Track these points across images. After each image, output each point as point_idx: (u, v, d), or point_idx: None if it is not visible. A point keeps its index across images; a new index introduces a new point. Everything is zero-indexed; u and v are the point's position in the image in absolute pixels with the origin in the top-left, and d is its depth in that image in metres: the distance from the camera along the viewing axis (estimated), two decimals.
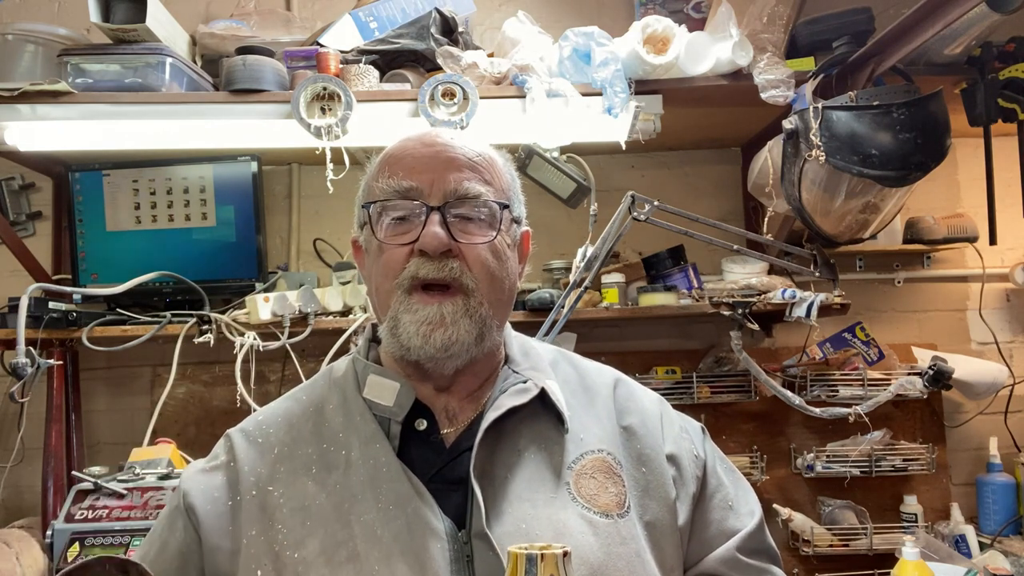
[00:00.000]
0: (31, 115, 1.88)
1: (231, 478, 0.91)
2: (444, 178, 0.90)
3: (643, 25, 1.87)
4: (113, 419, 2.40)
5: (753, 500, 1.00)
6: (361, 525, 0.85)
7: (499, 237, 0.92)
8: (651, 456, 0.94)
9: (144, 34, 1.87)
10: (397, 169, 0.92)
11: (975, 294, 2.44)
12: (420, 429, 0.92)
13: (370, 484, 0.87)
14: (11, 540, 1.89)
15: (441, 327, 0.88)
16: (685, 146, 2.46)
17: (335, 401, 0.95)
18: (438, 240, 0.87)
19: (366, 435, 0.90)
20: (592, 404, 0.98)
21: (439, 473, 0.89)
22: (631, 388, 1.02)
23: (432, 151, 0.92)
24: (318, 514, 0.86)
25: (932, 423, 2.36)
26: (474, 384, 0.95)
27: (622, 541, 0.86)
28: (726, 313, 1.99)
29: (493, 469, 0.88)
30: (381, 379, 0.93)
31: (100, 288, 2.07)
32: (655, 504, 0.91)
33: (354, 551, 0.83)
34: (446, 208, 0.89)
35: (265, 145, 2.13)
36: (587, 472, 0.90)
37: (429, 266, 0.88)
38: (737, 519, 0.96)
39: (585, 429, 0.94)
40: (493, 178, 0.94)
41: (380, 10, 2.11)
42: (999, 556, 2.02)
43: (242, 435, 0.96)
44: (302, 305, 1.98)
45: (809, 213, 1.90)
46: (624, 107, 1.87)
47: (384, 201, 0.91)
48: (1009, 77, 1.85)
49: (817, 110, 1.74)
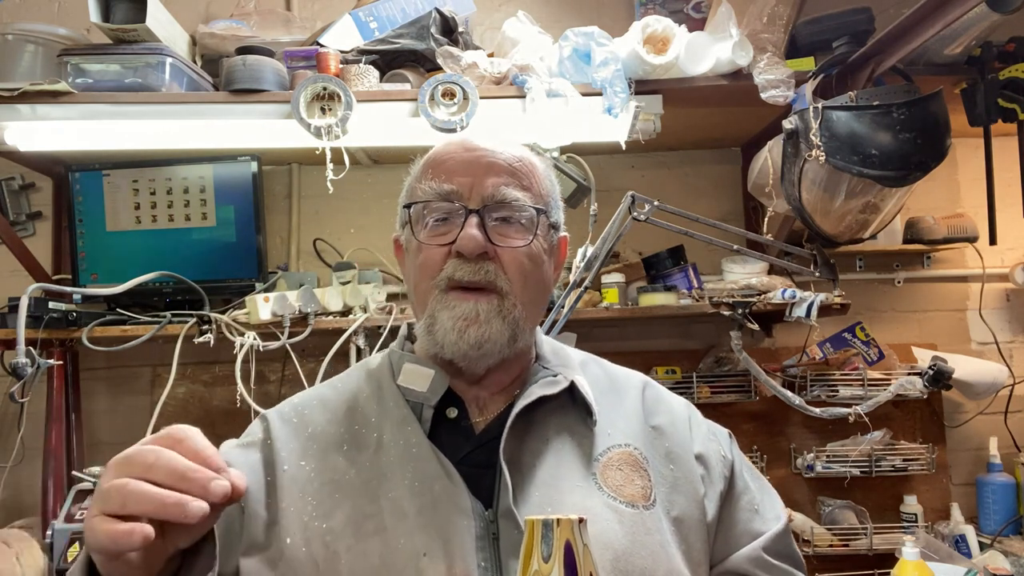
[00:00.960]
0: (31, 115, 1.88)
1: (267, 456, 0.93)
2: (483, 182, 0.92)
3: (643, 25, 1.87)
4: (113, 419, 2.40)
5: (779, 506, 1.02)
6: (389, 501, 0.87)
7: (535, 241, 0.94)
8: (679, 454, 0.96)
9: (144, 34, 1.87)
10: (439, 172, 0.94)
11: (975, 294, 2.44)
12: (451, 417, 0.94)
13: (399, 463, 0.89)
14: (11, 540, 1.89)
15: (476, 324, 0.90)
16: (685, 146, 2.46)
17: (369, 390, 0.98)
18: (475, 242, 0.89)
19: (398, 418, 0.93)
20: (620, 403, 1.00)
21: (467, 457, 0.91)
22: (659, 391, 1.05)
23: (473, 156, 0.95)
24: (347, 488, 0.89)
25: (932, 423, 2.36)
26: (506, 380, 0.98)
27: (647, 531, 0.88)
28: (726, 313, 1.99)
29: (521, 456, 0.90)
30: (416, 367, 0.96)
31: (100, 288, 2.07)
32: (683, 500, 0.93)
33: (381, 524, 0.85)
34: (484, 211, 0.92)
35: (265, 145, 2.13)
36: (614, 464, 0.92)
37: (465, 268, 0.90)
38: (763, 522, 0.98)
39: (612, 425, 0.96)
40: (532, 183, 0.96)
41: (380, 10, 2.11)
42: (999, 556, 2.02)
43: (278, 415, 0.99)
44: (302, 305, 1.98)
45: (809, 213, 1.90)
46: (624, 107, 1.87)
47: (425, 202, 0.94)
48: (1009, 77, 1.85)
49: (817, 110, 1.74)
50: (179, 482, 0.67)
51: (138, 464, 0.68)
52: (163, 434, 0.71)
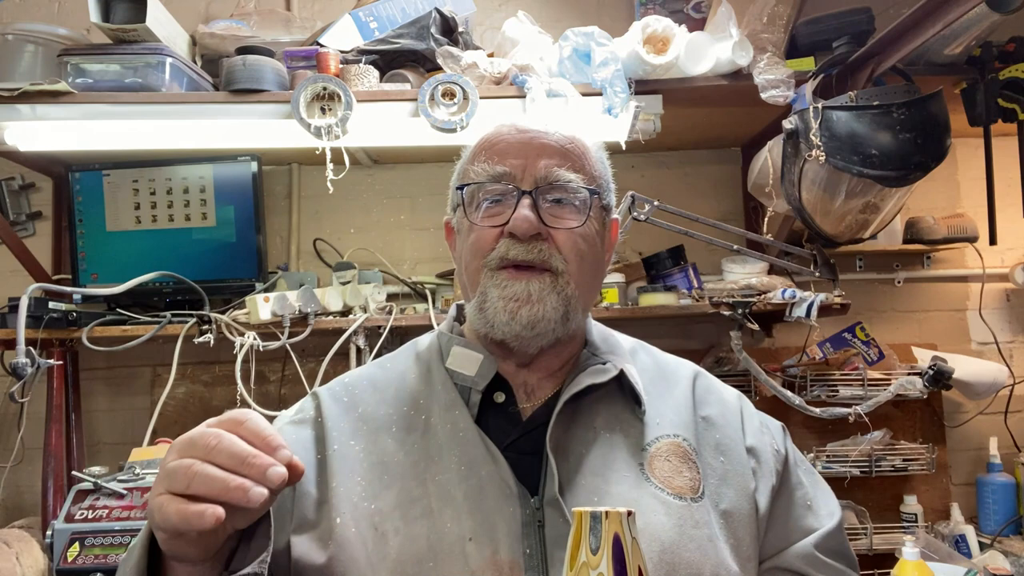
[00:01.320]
0: (31, 115, 1.88)
1: (318, 434, 0.94)
2: (536, 164, 0.92)
3: (643, 25, 1.87)
4: (113, 419, 2.40)
5: (833, 503, 0.99)
6: (436, 484, 0.87)
7: (588, 222, 0.94)
8: (730, 446, 0.95)
9: (144, 34, 1.87)
10: (492, 154, 0.95)
11: (975, 294, 2.44)
12: (499, 401, 0.94)
13: (446, 447, 0.90)
14: (11, 540, 1.89)
15: (528, 304, 0.90)
16: (685, 146, 2.46)
17: (418, 371, 0.98)
18: (528, 223, 0.89)
19: (446, 402, 0.93)
20: (670, 392, 0.98)
21: (514, 443, 0.90)
22: (711, 381, 1.03)
23: (526, 137, 0.95)
24: (396, 470, 0.89)
25: (932, 423, 2.36)
26: (556, 364, 0.97)
27: (695, 524, 0.87)
28: (726, 313, 1.99)
29: (568, 444, 0.90)
30: (465, 350, 0.96)
31: (100, 288, 2.07)
32: (733, 493, 0.91)
33: (428, 507, 0.86)
34: (537, 193, 0.92)
35: (265, 145, 2.13)
36: (662, 454, 0.91)
37: (518, 248, 0.90)
38: (816, 519, 0.96)
39: (661, 415, 0.95)
40: (584, 165, 0.96)
41: (380, 10, 2.11)
42: (999, 556, 2.02)
43: (328, 393, 0.99)
44: (302, 305, 1.98)
45: (809, 213, 1.90)
46: (624, 107, 1.87)
47: (477, 184, 0.94)
48: (1009, 77, 1.85)
49: (817, 110, 1.74)
50: (239, 466, 0.68)
51: (201, 446, 0.68)
52: (225, 417, 0.71)
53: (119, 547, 1.50)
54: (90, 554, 1.50)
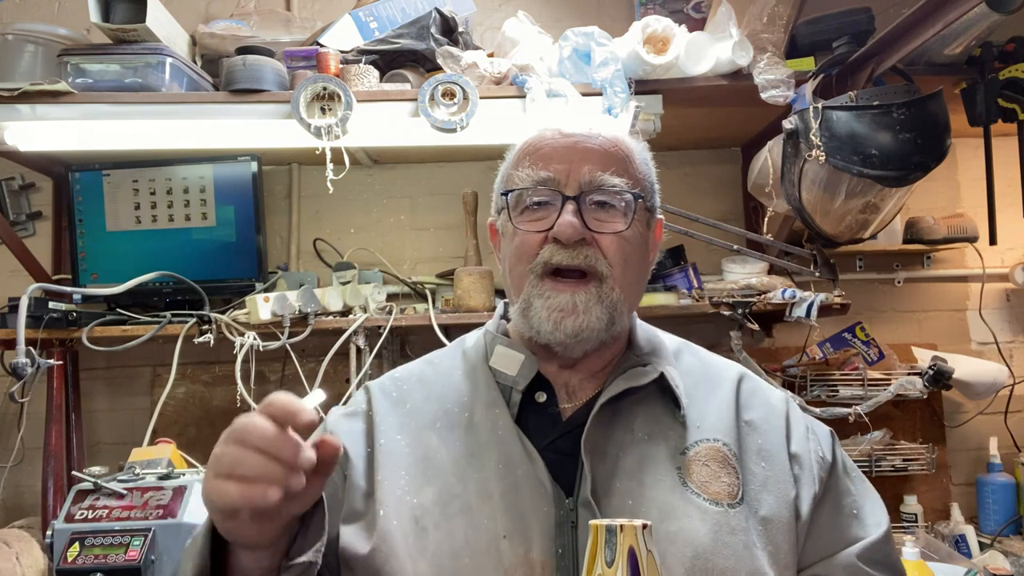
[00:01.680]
0: (31, 115, 1.88)
1: (368, 428, 0.97)
2: (580, 168, 0.93)
3: (643, 25, 1.87)
4: (113, 419, 2.40)
5: (881, 512, 0.96)
6: (475, 482, 0.89)
7: (632, 225, 0.94)
8: (772, 452, 0.94)
9: (144, 34, 1.87)
10: (536, 159, 0.95)
11: (975, 294, 2.44)
12: (540, 401, 0.95)
13: (487, 445, 0.91)
14: (11, 540, 1.89)
15: (573, 315, 0.91)
16: (685, 146, 2.46)
17: (463, 369, 1.00)
18: (572, 228, 0.90)
19: (488, 400, 0.95)
20: (713, 395, 0.98)
21: (553, 443, 0.91)
22: (757, 384, 1.02)
23: (569, 141, 0.96)
24: (437, 466, 0.91)
25: (932, 423, 2.36)
26: (598, 365, 0.98)
27: (731, 531, 0.86)
28: (726, 313, 1.99)
29: (606, 446, 0.91)
30: (508, 350, 0.97)
31: (100, 288, 2.07)
32: (773, 499, 0.90)
33: (467, 504, 0.88)
34: (581, 197, 0.92)
35: (265, 145, 2.13)
36: (700, 459, 0.91)
37: (563, 253, 0.91)
38: (862, 528, 0.93)
39: (702, 418, 0.95)
40: (629, 168, 0.97)
41: (380, 10, 2.11)
42: (999, 556, 2.02)
43: (379, 388, 1.02)
44: (302, 305, 1.97)
45: (809, 213, 1.90)
46: (624, 107, 1.87)
47: (521, 189, 0.95)
48: (1009, 77, 1.85)
49: (817, 110, 1.74)
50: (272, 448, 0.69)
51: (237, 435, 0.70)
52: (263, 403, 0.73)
53: (119, 547, 1.50)
54: (90, 554, 1.50)
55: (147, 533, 1.50)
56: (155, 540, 1.50)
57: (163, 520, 1.52)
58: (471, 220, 2.18)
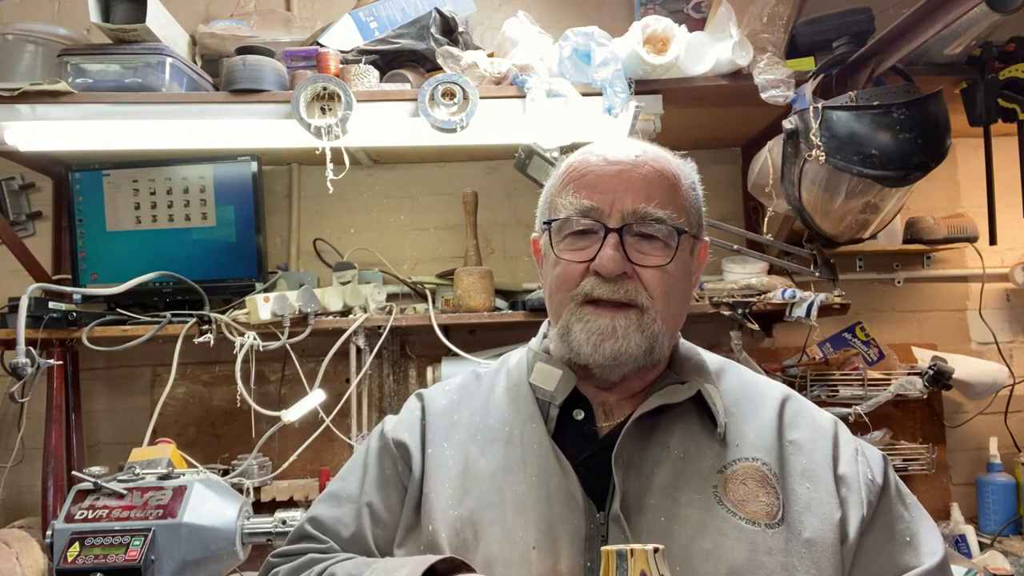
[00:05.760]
0: (31, 115, 1.88)
1: (422, 435, 1.01)
2: (624, 199, 0.92)
3: (643, 25, 1.87)
4: (113, 419, 2.40)
5: (937, 540, 0.92)
6: (512, 493, 0.91)
7: (676, 258, 0.94)
8: (817, 472, 0.91)
9: (144, 34, 1.87)
10: (580, 187, 0.94)
11: (975, 294, 2.44)
12: (578, 419, 0.96)
13: (524, 458, 0.93)
14: (11, 540, 1.89)
15: (612, 339, 0.91)
16: (685, 146, 2.41)
17: (506, 384, 1.03)
18: (614, 263, 0.90)
19: (527, 415, 0.97)
20: (754, 414, 0.96)
21: (588, 459, 0.92)
22: (803, 404, 1.00)
23: (614, 170, 0.94)
24: (477, 478, 0.94)
25: (932, 423, 2.36)
26: (638, 386, 0.98)
27: (768, 551, 0.85)
28: (726, 313, 1.99)
29: (642, 462, 0.91)
30: (547, 367, 0.99)
31: (100, 288, 2.07)
32: (817, 521, 0.88)
33: (503, 515, 0.90)
34: (624, 230, 0.92)
35: (265, 145, 2.13)
36: (738, 477, 0.90)
37: (604, 287, 0.91)
38: (916, 556, 0.89)
39: (742, 437, 0.93)
40: (674, 197, 0.96)
41: (380, 10, 2.11)
42: (999, 556, 2.02)
43: (431, 397, 1.06)
44: (302, 305, 1.97)
45: (809, 213, 1.89)
46: (624, 107, 1.87)
47: (564, 219, 0.95)
48: (1009, 77, 1.85)
49: (817, 110, 1.74)
50: None
51: None
52: None
53: (119, 547, 1.50)
54: (90, 554, 1.49)
55: (147, 533, 1.50)
56: (155, 540, 1.49)
57: (163, 520, 1.52)
58: (471, 220, 2.18)
